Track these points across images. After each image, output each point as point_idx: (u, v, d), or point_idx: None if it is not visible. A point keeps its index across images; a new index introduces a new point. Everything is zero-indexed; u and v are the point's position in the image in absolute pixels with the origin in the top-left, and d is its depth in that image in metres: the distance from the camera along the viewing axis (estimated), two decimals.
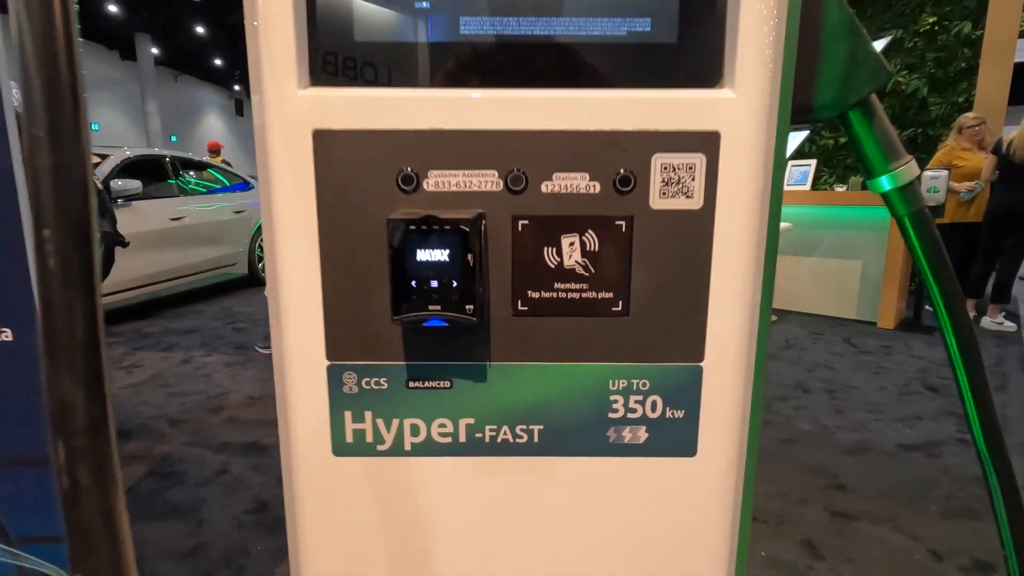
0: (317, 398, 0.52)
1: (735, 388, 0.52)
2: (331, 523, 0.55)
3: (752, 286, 0.50)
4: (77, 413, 0.34)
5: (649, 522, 0.55)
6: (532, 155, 0.47)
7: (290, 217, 0.48)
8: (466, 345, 0.50)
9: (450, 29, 0.48)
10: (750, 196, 0.48)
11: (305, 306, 0.50)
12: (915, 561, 1.50)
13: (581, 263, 0.49)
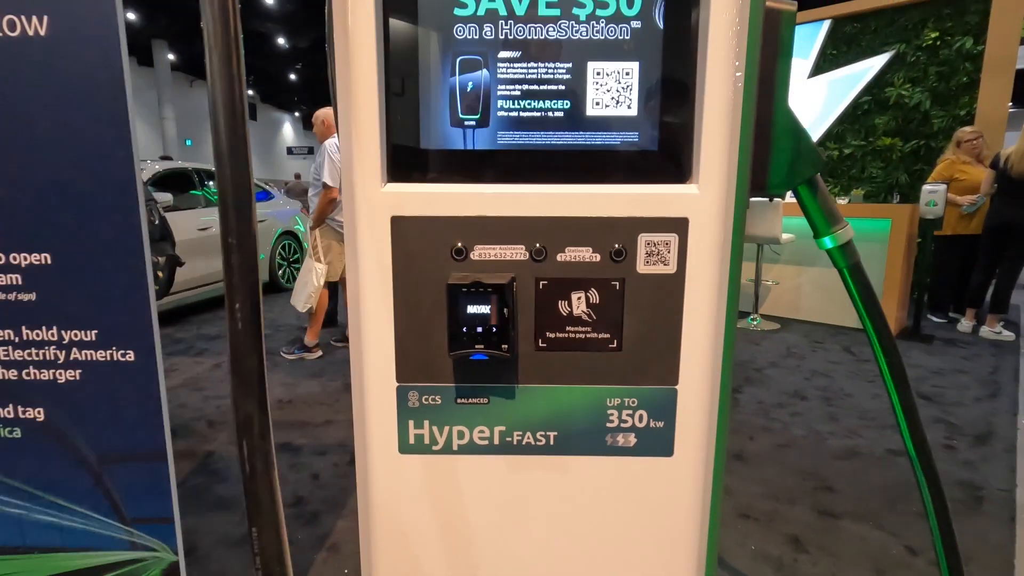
0: (388, 410, 0.69)
1: (702, 404, 0.69)
2: (396, 505, 0.72)
3: (714, 329, 0.67)
4: (254, 423, 0.52)
5: (638, 505, 0.72)
6: (550, 234, 0.65)
7: (373, 278, 0.66)
8: (500, 372, 0.68)
9: (491, 140, 0.65)
10: (712, 264, 0.65)
11: (381, 341, 0.67)
12: (891, 555, 1.65)
13: (586, 312, 0.66)
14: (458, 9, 0.63)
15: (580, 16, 0.63)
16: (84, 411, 0.91)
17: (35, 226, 0.86)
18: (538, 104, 0.64)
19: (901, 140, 5.34)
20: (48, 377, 0.90)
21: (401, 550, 0.73)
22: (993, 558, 1.65)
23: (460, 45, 0.64)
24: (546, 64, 0.64)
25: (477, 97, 0.65)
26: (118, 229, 0.86)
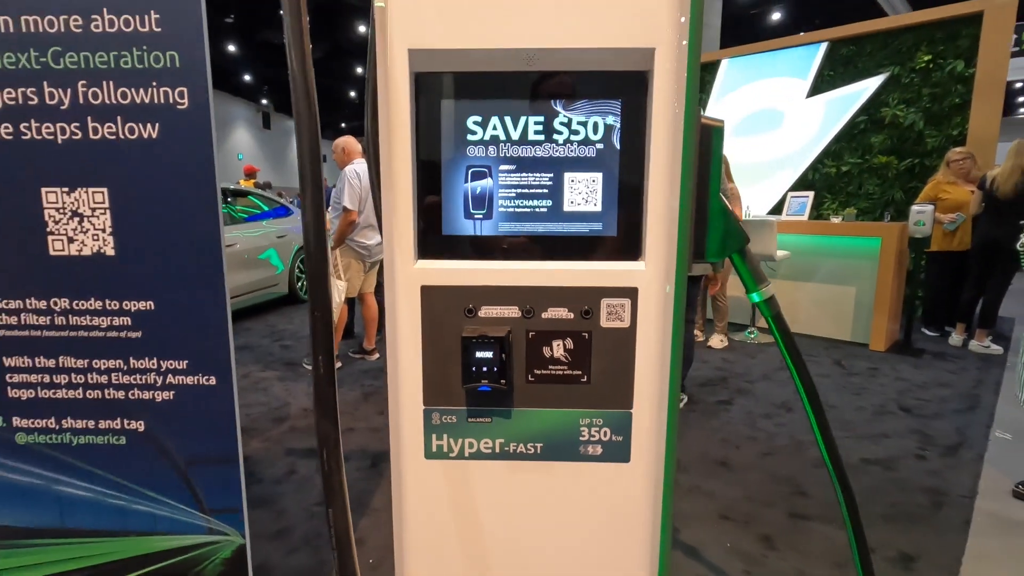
0: (416, 426, 0.93)
1: (651, 423, 0.92)
2: (423, 498, 0.95)
3: (660, 368, 0.90)
4: (330, 438, 0.76)
5: (604, 500, 0.94)
6: (536, 298, 0.88)
7: (407, 330, 0.89)
8: (500, 399, 0.91)
9: (493, 228, 0.89)
10: (657, 320, 0.88)
11: (413, 376, 0.91)
12: (850, 552, 1.86)
13: (563, 355, 0.89)
14: (470, 135, 0.87)
15: (559, 140, 0.87)
16: (175, 424, 1.16)
17: (143, 280, 1.11)
18: (528, 203, 0.88)
19: (896, 158, 5.51)
20: (148, 397, 1.15)
21: (426, 532, 0.97)
22: (943, 557, 1.85)
23: (472, 160, 0.88)
24: (534, 174, 0.88)
25: (484, 198, 0.89)
26: (205, 280, 1.11)
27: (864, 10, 14.79)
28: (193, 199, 1.08)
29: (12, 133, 1.06)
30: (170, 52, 1.03)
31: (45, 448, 1.18)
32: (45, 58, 1.03)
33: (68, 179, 1.07)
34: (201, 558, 1.22)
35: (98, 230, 1.09)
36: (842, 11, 16.02)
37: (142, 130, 1.05)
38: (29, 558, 1.21)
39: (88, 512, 1.20)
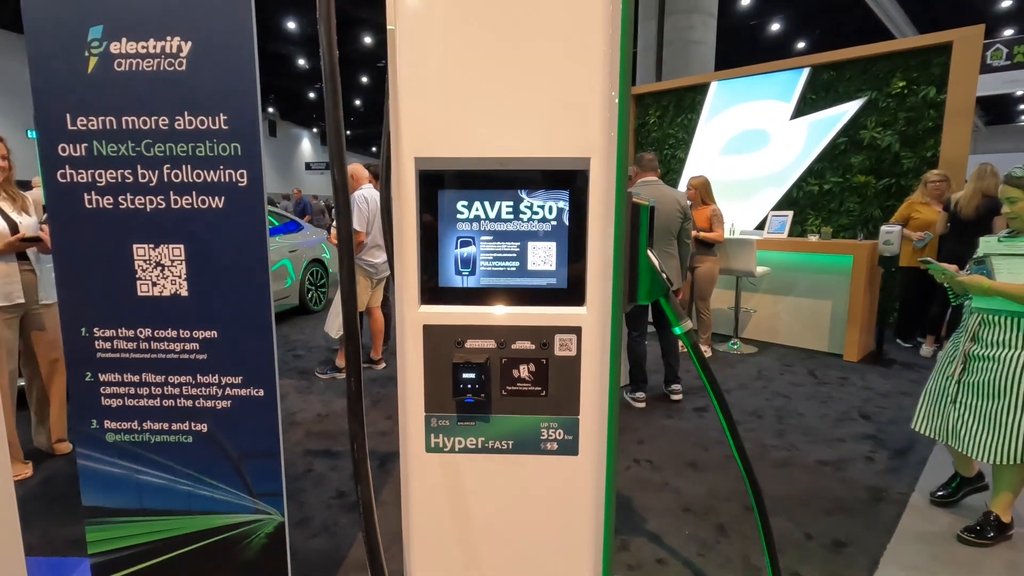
0: (419, 427, 1.25)
1: (594, 426, 1.23)
2: (423, 483, 1.27)
3: (600, 383, 1.22)
4: (358, 437, 1.08)
5: (559, 484, 1.26)
6: (507, 334, 1.20)
7: (413, 359, 1.21)
8: (481, 408, 1.23)
9: (476, 282, 1.21)
10: (596, 351, 1.20)
11: (416, 390, 1.23)
12: (792, 539, 2.17)
13: (528, 376, 1.21)
14: (459, 215, 1.19)
15: (524, 218, 1.19)
16: (231, 426, 1.48)
17: (208, 315, 1.43)
18: (502, 264, 1.20)
19: (875, 178, 5.83)
20: (210, 405, 1.47)
21: (427, 509, 1.28)
22: (870, 544, 2.15)
23: (460, 232, 1.20)
24: (506, 243, 1.20)
25: (469, 260, 1.21)
26: (256, 315, 1.44)
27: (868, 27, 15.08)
28: (248, 253, 1.41)
29: (112, 204, 1.39)
30: (234, 143, 1.35)
31: (128, 445, 1.50)
32: (139, 148, 1.36)
33: (154, 238, 1.40)
34: (249, 532, 1.53)
35: (176, 276, 1.41)
36: (841, 25, 16.26)
37: (211, 201, 1.38)
38: (116, 532, 1.53)
39: (161, 496, 1.52)
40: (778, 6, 15.88)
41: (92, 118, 1.36)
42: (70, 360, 1.47)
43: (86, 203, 1.40)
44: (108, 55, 1.34)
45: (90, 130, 1.37)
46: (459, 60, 1.11)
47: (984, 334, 2.06)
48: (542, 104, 1.12)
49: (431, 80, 1.12)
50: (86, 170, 1.39)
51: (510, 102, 1.12)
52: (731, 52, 19.97)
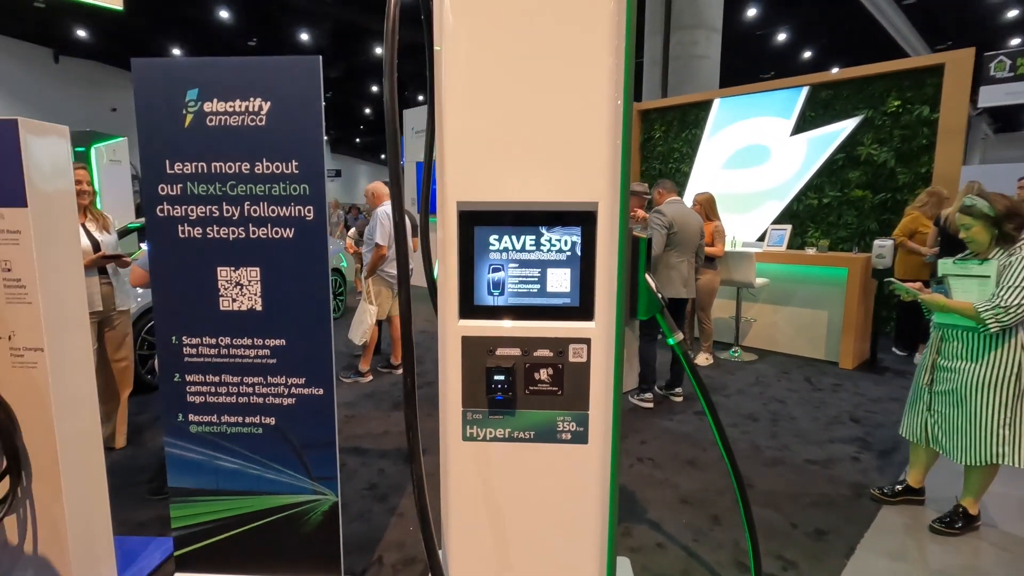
0: (457, 420, 1.52)
1: (601, 419, 1.50)
2: (460, 468, 1.54)
3: (606, 383, 1.48)
4: (412, 428, 1.35)
5: (573, 468, 1.52)
6: (530, 343, 1.47)
7: (452, 365, 1.49)
8: (509, 404, 1.50)
9: (505, 301, 1.48)
10: (603, 358, 1.47)
11: (455, 389, 1.50)
12: (778, 528, 2.41)
13: (547, 378, 1.48)
14: (491, 246, 1.47)
15: (544, 250, 1.46)
16: (295, 420, 1.75)
17: (278, 326, 1.71)
18: (526, 286, 1.48)
19: (871, 192, 6.06)
20: (278, 402, 1.75)
21: (463, 487, 1.55)
22: (849, 532, 2.39)
23: (492, 261, 1.47)
24: (529, 269, 1.47)
25: (499, 283, 1.48)
26: (317, 326, 1.72)
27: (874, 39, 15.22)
28: (312, 275, 1.69)
29: (201, 234, 1.68)
30: (303, 184, 1.64)
31: (208, 435, 1.78)
32: (225, 188, 1.65)
33: (234, 262, 1.69)
34: (308, 511, 1.81)
35: (252, 294, 1.69)
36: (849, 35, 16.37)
37: (283, 232, 1.66)
38: (196, 509, 1.80)
39: (235, 478, 1.79)
40: (783, 18, 16.13)
41: (187, 164, 1.65)
42: (163, 365, 1.75)
43: (179, 233, 1.69)
44: (202, 112, 1.63)
45: (184, 173, 1.66)
46: (492, 129, 1.39)
47: (945, 348, 2.31)
48: (559, 161, 1.39)
49: (471, 145, 1.41)
50: (180, 206, 1.68)
51: (534, 159, 1.40)
52: (737, 64, 20.22)
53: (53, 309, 1.72)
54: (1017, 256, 2.12)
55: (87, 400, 1.89)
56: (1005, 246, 2.18)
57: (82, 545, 1.87)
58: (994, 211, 2.16)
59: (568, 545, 1.58)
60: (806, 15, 15.73)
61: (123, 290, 2.94)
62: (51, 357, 1.73)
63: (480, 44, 1.37)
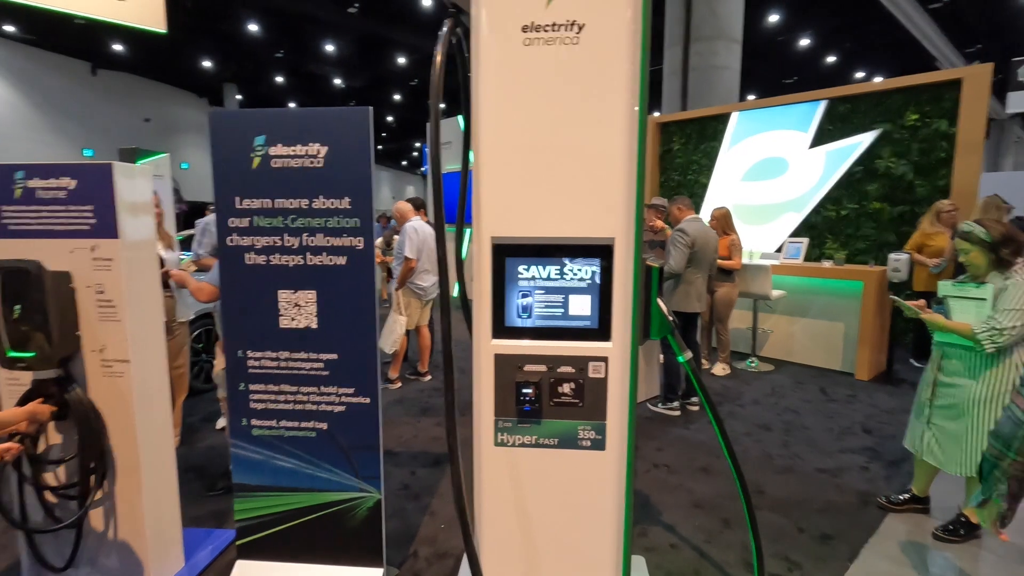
0: (490, 428, 1.72)
1: (618, 428, 1.69)
2: (492, 470, 1.74)
3: (621, 396, 1.67)
4: (453, 435, 1.56)
5: (592, 471, 1.71)
6: (555, 361, 1.67)
7: (486, 380, 1.69)
8: (535, 414, 1.70)
9: (532, 323, 1.69)
10: (616, 374, 1.66)
11: (489, 400, 1.71)
12: (785, 532, 2.56)
13: (570, 391, 1.68)
14: (520, 275, 1.67)
15: (567, 278, 1.66)
16: (345, 425, 1.98)
17: (332, 342, 1.94)
18: (551, 310, 1.67)
19: (889, 205, 6.12)
20: (330, 409, 1.97)
21: (495, 488, 1.75)
22: (854, 537, 2.53)
23: (521, 287, 1.68)
24: (554, 295, 1.67)
25: (528, 307, 1.68)
26: (365, 343, 1.94)
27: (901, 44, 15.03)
28: (361, 297, 1.91)
29: (265, 261, 1.92)
30: (355, 219, 1.86)
31: (268, 437, 2.01)
32: (286, 221, 1.89)
33: (294, 285, 1.92)
34: (354, 507, 2.02)
35: (309, 314, 1.93)
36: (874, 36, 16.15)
37: (336, 260, 1.89)
38: (256, 503, 2.03)
39: (290, 476, 2.02)
40: (807, 24, 16.07)
41: (253, 200, 1.89)
42: (231, 376, 1.99)
43: (246, 260, 1.93)
44: (267, 156, 1.87)
45: (251, 208, 1.90)
46: (522, 175, 1.60)
47: (946, 365, 2.45)
48: (581, 202, 1.60)
49: (504, 189, 1.62)
50: (247, 237, 1.92)
51: (559, 200, 1.60)
52: (759, 70, 20.14)
53: (137, 325, 1.98)
54: (1013, 280, 2.25)
55: (162, 405, 2.14)
56: (1001, 270, 2.31)
57: (156, 533, 2.12)
58: (990, 237, 2.30)
59: (587, 541, 1.77)
60: (830, 21, 15.67)
61: (183, 303, 3.22)
62: (135, 368, 1.98)
63: (511, 106, 1.58)
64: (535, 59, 1.56)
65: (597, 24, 1.53)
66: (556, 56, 1.55)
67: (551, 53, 1.55)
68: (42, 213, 1.89)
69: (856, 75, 21.20)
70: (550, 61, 1.55)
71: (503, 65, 1.57)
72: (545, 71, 1.56)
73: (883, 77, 20.53)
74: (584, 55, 1.54)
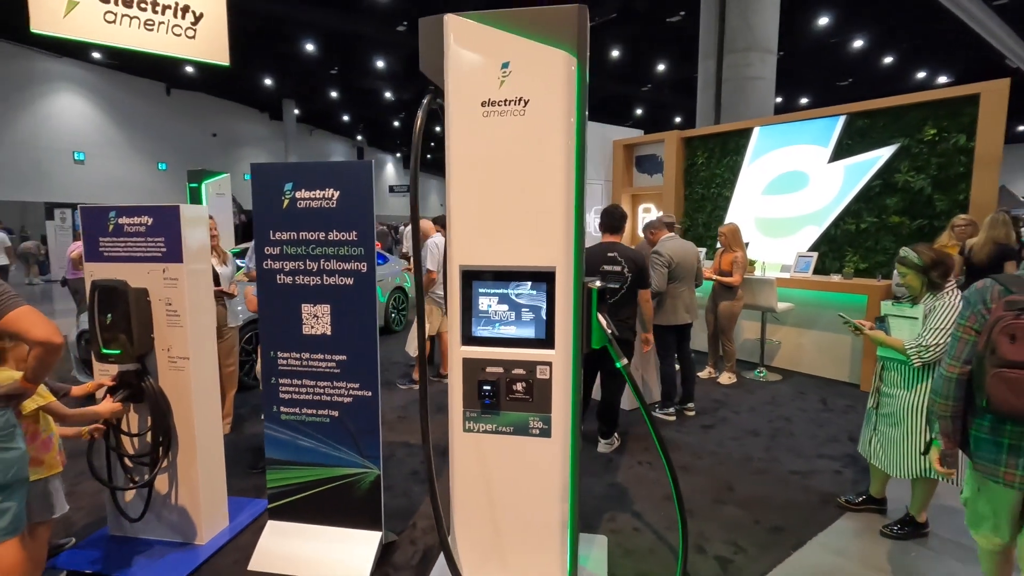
0: (459, 417, 2.15)
1: (561, 419, 2.08)
2: (462, 451, 2.17)
3: (564, 395, 2.07)
4: (426, 423, 2.00)
5: (540, 455, 2.11)
6: (509, 363, 2.08)
7: (457, 377, 2.13)
8: (495, 407, 2.11)
9: (494, 333, 2.11)
10: (561, 375, 2.05)
11: (458, 394, 2.14)
12: (740, 522, 2.86)
13: (522, 389, 2.09)
14: (481, 296, 2.10)
15: (519, 299, 2.08)
16: (352, 413, 2.45)
17: (342, 345, 2.42)
18: (507, 324, 2.09)
19: (908, 219, 6.17)
20: (340, 400, 2.45)
21: (465, 465, 2.18)
22: (804, 530, 2.80)
23: (484, 305, 2.10)
24: (511, 312, 2.09)
25: (489, 321, 2.11)
26: (367, 346, 2.41)
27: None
28: (365, 310, 2.38)
29: (292, 281, 2.42)
30: (360, 248, 2.34)
31: (293, 422, 2.51)
32: (308, 250, 2.39)
33: (313, 300, 2.41)
34: (359, 480, 2.49)
35: (324, 323, 2.42)
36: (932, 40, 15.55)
37: (346, 280, 2.37)
38: (283, 474, 2.54)
39: (310, 453, 2.51)
40: (860, 24, 15.70)
41: (283, 233, 2.40)
42: (265, 372, 2.51)
43: (278, 280, 2.44)
44: (294, 198, 2.37)
45: (282, 239, 2.41)
46: (483, 217, 2.03)
47: (886, 376, 2.69)
48: (529, 239, 2.01)
49: (470, 228, 2.05)
50: (278, 261, 2.43)
51: (512, 237, 2.02)
52: (810, 75, 19.70)
53: (194, 330, 2.52)
54: (941, 302, 2.49)
55: (212, 394, 2.69)
56: (933, 292, 2.55)
57: (207, 497, 2.66)
58: (922, 261, 2.55)
59: (538, 510, 2.17)
60: (886, 21, 15.26)
61: (232, 311, 3.82)
62: (193, 363, 2.53)
63: (474, 164, 2.02)
64: (491, 127, 1.99)
65: (539, 99, 1.95)
66: (507, 125, 1.98)
67: (504, 123, 1.98)
68: (128, 243, 2.47)
69: (917, 76, 20.48)
70: (503, 129, 1.98)
71: (467, 132, 2.01)
72: (499, 136, 1.99)
73: (947, 78, 19.72)
74: (529, 124, 1.96)
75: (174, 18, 8.04)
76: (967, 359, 1.81)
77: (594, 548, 2.61)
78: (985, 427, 1.78)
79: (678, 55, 17.75)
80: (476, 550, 2.24)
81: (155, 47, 8.09)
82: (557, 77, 1.92)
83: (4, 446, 1.75)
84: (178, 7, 8.08)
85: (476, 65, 1.98)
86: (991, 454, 1.77)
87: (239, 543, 2.68)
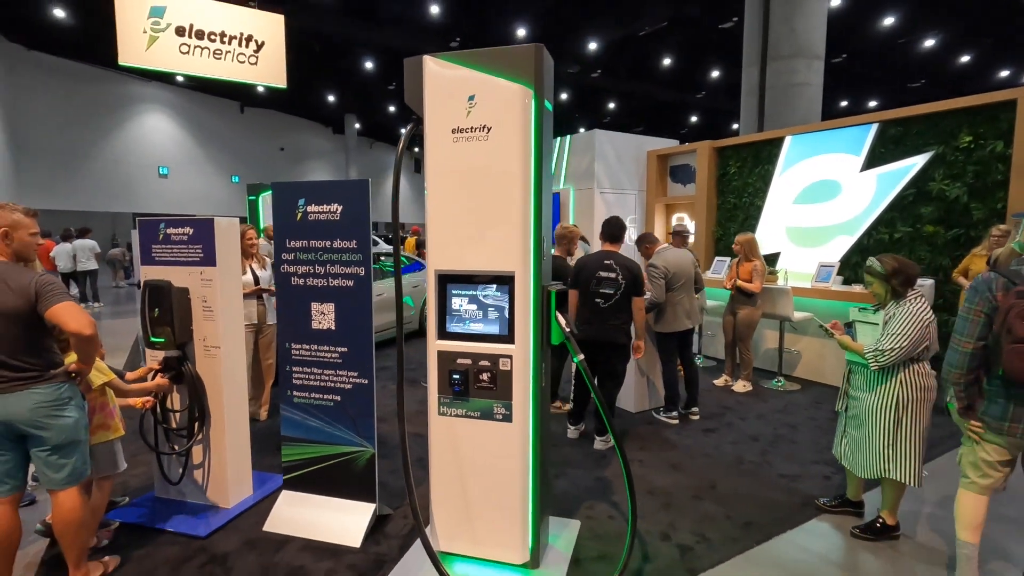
0: (435, 402, 2.47)
1: (521, 406, 2.36)
2: (438, 434, 2.48)
3: (524, 385, 2.34)
4: (402, 410, 2.33)
5: (504, 438, 2.39)
6: (477, 356, 2.38)
7: (432, 366, 2.44)
8: (464, 394, 2.41)
9: (464, 329, 2.42)
10: (521, 367, 2.33)
11: (435, 384, 2.45)
12: (713, 516, 3.01)
13: (487, 378, 2.38)
14: (454, 296, 2.41)
15: (486, 299, 2.38)
16: (351, 398, 2.82)
17: (345, 338, 2.79)
18: (476, 322, 2.39)
19: (944, 228, 6.00)
20: (342, 386, 2.83)
21: (440, 443, 2.49)
22: (773, 526, 2.92)
23: (455, 305, 2.42)
24: (479, 311, 2.39)
25: (460, 318, 2.42)
26: (365, 339, 2.77)
27: None
28: (363, 309, 2.75)
29: (303, 283, 2.82)
30: (359, 254, 2.71)
31: (303, 404, 2.91)
32: (317, 255, 2.78)
33: (320, 299, 2.80)
34: (356, 457, 2.85)
35: (330, 319, 2.80)
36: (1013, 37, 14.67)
37: (347, 283, 2.75)
38: (295, 450, 2.93)
39: (317, 432, 2.90)
40: (933, 23, 15.04)
41: (297, 241, 2.81)
42: (280, 360, 2.92)
43: (293, 282, 2.85)
44: (306, 212, 2.78)
45: (296, 247, 2.82)
46: (455, 229, 2.35)
47: (852, 380, 2.79)
48: (492, 247, 2.31)
49: (445, 238, 2.37)
50: (293, 266, 2.84)
51: (478, 245, 2.33)
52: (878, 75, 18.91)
53: (224, 323, 2.97)
54: (901, 309, 2.59)
55: (240, 379, 3.13)
56: (896, 299, 2.65)
57: (234, 468, 3.10)
58: (884, 270, 2.65)
59: (503, 487, 2.44)
60: (962, 19, 14.58)
61: (271, 310, 4.32)
62: (223, 352, 2.98)
63: (446, 183, 2.34)
64: (460, 151, 2.31)
65: (501, 127, 2.26)
66: (473, 149, 2.29)
67: (470, 147, 2.29)
68: (173, 249, 2.95)
69: (1000, 74, 19.28)
70: (470, 152, 2.30)
71: (440, 155, 2.34)
72: (467, 159, 2.30)
73: None
74: (491, 148, 2.27)
75: (239, 47, 8.91)
76: (980, 336, 2.16)
77: (566, 530, 2.85)
78: (995, 391, 2.19)
79: (731, 62, 17.61)
80: (451, 522, 2.55)
81: (223, 73, 9.00)
82: (514, 107, 2.22)
83: (59, 414, 2.20)
84: (243, 37, 8.96)
85: (447, 97, 2.30)
86: (1000, 411, 2.18)
87: (260, 508, 3.10)
